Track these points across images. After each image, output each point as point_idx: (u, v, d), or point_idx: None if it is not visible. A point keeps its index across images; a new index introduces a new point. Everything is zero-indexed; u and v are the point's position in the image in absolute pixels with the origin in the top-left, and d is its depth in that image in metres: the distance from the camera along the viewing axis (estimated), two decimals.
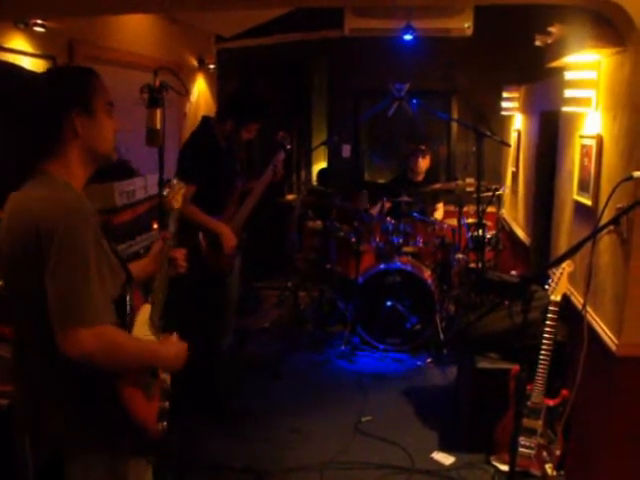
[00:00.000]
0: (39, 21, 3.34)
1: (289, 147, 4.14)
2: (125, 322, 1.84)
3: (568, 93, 3.34)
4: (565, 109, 3.52)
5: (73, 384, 1.77)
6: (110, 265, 1.83)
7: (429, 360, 4.97)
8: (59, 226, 1.69)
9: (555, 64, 3.52)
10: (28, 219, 1.73)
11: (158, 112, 2.79)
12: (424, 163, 6.04)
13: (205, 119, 3.94)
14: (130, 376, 1.82)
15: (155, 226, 3.71)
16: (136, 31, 4.70)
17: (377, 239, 5.43)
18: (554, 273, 3.20)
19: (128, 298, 1.86)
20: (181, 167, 3.73)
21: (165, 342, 1.98)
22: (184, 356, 2.00)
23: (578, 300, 3.21)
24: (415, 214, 5.44)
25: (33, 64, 3.44)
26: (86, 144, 1.85)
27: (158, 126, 2.78)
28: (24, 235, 1.73)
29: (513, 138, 6.15)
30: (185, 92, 3.22)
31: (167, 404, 1.96)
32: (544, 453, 3.24)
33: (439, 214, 6.05)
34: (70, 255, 1.69)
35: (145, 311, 1.98)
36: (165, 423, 1.93)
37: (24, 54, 3.38)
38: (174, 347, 1.98)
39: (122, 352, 1.77)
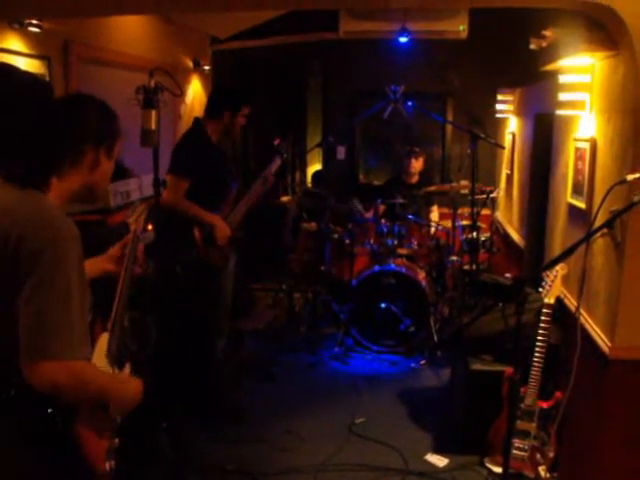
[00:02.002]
0: (34, 21, 3.34)
1: (285, 156, 4.16)
2: None
3: (562, 96, 3.35)
4: (559, 112, 3.53)
5: (23, 421, 1.66)
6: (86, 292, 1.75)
7: (423, 362, 4.97)
8: (48, 247, 1.59)
9: (549, 67, 3.53)
10: (11, 230, 1.60)
11: (153, 113, 2.79)
12: (417, 164, 6.06)
13: (196, 120, 3.97)
14: (85, 414, 1.72)
15: (150, 227, 3.70)
16: (131, 32, 4.69)
17: (371, 241, 5.44)
18: (548, 276, 3.21)
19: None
20: (175, 162, 3.76)
21: (128, 382, 1.91)
22: (139, 397, 1.89)
23: (572, 303, 3.22)
24: (410, 216, 5.45)
25: (28, 64, 3.43)
26: (90, 181, 1.83)
27: (153, 127, 2.78)
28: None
29: (507, 141, 6.16)
30: (180, 93, 3.22)
31: (117, 441, 1.85)
32: (537, 455, 3.24)
33: (434, 216, 6.06)
34: (55, 281, 1.59)
35: (103, 341, 1.90)
36: (113, 462, 1.80)
37: (19, 54, 3.37)
38: (134, 388, 1.88)
39: (90, 388, 1.69)
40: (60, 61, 3.73)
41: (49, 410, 1.64)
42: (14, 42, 3.33)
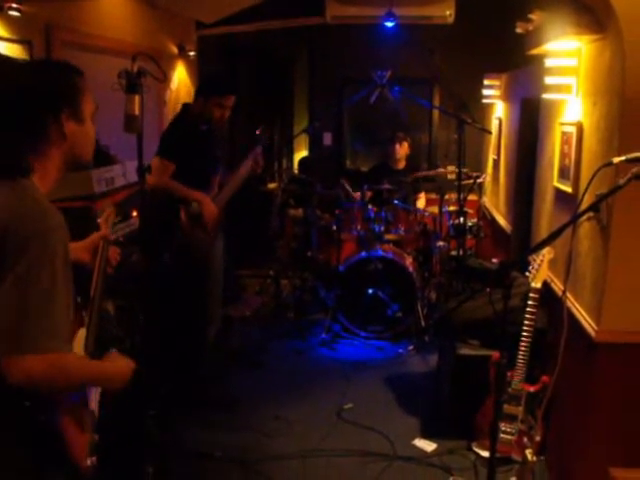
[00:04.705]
0: (14, 5, 3.28)
1: (265, 145, 4.18)
2: None
3: (549, 80, 3.34)
4: (546, 96, 3.53)
5: (7, 413, 1.60)
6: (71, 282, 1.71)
7: (410, 347, 4.99)
8: (35, 238, 1.54)
9: (536, 51, 3.52)
10: None
11: (136, 98, 2.74)
12: (402, 150, 6.04)
13: (185, 106, 4.01)
14: (67, 408, 1.67)
15: (134, 214, 3.68)
16: (114, 16, 4.63)
17: (358, 227, 5.43)
18: (535, 260, 3.21)
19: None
20: (161, 146, 3.82)
21: (112, 362, 1.85)
22: (130, 373, 1.85)
23: (558, 287, 3.23)
24: (397, 202, 5.45)
25: (8, 49, 3.38)
26: (71, 149, 1.74)
27: (136, 112, 2.74)
28: None
29: (494, 126, 6.16)
30: (164, 78, 3.17)
31: (96, 437, 1.81)
32: (524, 439, 3.26)
33: (421, 203, 6.05)
34: (41, 272, 1.54)
35: (81, 336, 1.85)
36: (95, 458, 1.75)
37: None
38: (121, 367, 1.84)
39: (71, 380, 1.64)
40: (42, 45, 3.67)
41: (27, 403, 1.59)
42: None
